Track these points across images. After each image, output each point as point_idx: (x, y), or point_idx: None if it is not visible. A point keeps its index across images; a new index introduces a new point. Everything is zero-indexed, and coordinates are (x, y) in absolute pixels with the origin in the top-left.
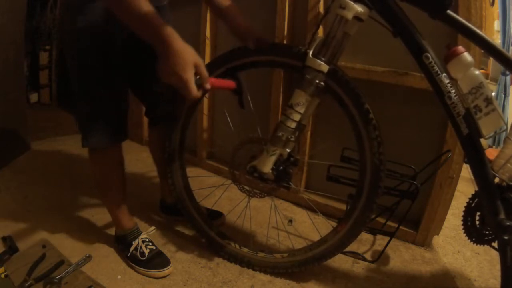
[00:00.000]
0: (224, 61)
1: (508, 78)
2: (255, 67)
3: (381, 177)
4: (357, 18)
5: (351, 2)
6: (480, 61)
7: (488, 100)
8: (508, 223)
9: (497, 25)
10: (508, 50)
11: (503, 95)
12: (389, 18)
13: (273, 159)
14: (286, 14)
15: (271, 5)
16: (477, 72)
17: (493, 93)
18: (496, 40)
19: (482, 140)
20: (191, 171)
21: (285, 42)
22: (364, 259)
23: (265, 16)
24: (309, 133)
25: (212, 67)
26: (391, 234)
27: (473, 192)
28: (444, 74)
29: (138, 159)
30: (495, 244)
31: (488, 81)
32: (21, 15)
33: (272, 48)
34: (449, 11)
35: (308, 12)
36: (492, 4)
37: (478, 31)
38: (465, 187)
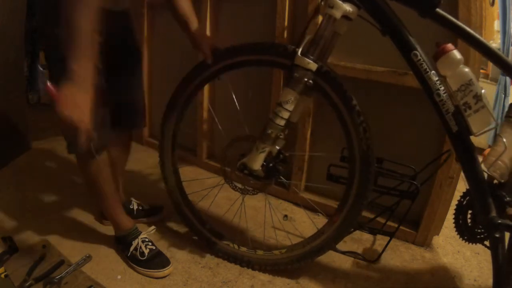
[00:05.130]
0: (213, 62)
1: (508, 78)
2: (245, 66)
3: (371, 162)
4: (346, 17)
5: (340, 1)
6: (481, 61)
7: (478, 97)
8: (499, 221)
9: (497, 25)
10: (508, 50)
11: (503, 95)
12: (377, 16)
13: (262, 156)
14: (286, 14)
15: (271, 5)
16: (466, 69)
17: (482, 91)
18: (496, 40)
19: (482, 140)
20: (191, 171)
21: (285, 42)
22: (364, 259)
23: (265, 16)
24: (309, 132)
25: (200, 70)
26: (391, 234)
27: (464, 191)
28: (433, 71)
29: (138, 159)
30: (487, 243)
31: (488, 81)
32: (21, 15)
33: (261, 47)
34: (438, 9)
35: (308, 5)
36: (492, 4)
37: (466, 27)
38: (465, 187)
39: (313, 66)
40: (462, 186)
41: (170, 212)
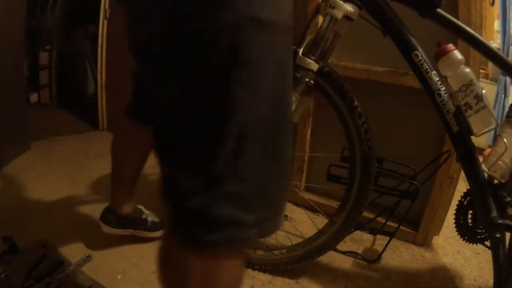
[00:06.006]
0: None
1: (508, 78)
2: None
3: (371, 163)
4: (347, 17)
5: (341, 2)
6: (481, 61)
7: (479, 98)
8: (500, 221)
9: (497, 25)
10: (508, 50)
11: (503, 95)
12: (378, 17)
13: None
14: None
15: None
16: (467, 69)
17: (483, 91)
18: (496, 40)
19: (482, 141)
20: None
21: None
22: (364, 259)
23: None
24: (309, 133)
25: None
26: (391, 234)
27: (465, 191)
28: (434, 72)
29: None
30: (488, 243)
31: (488, 81)
32: (21, 15)
33: None
34: (439, 10)
35: (308, 5)
36: (492, 4)
37: (466, 27)
38: (465, 187)
39: (314, 66)
40: (462, 186)
41: None
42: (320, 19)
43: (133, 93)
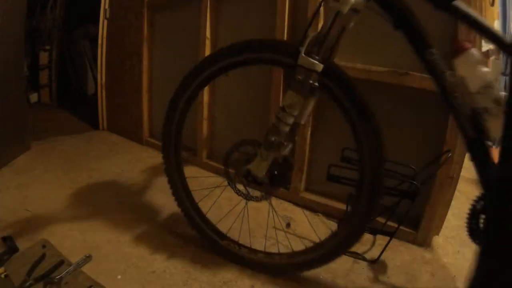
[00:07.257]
0: (215, 60)
1: (507, 78)
2: (249, 64)
3: (381, 175)
4: (353, 9)
5: None
6: None
7: (497, 101)
8: None
9: (497, 25)
10: None
11: None
12: (388, 7)
13: (267, 163)
14: (286, 14)
15: (271, 5)
16: (486, 69)
17: (503, 94)
18: None
19: None
20: (191, 171)
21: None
22: (364, 259)
23: (265, 16)
24: (309, 133)
25: (203, 67)
26: (391, 234)
27: (478, 195)
28: (449, 72)
29: (138, 159)
30: None
31: None
32: (21, 15)
33: (264, 45)
34: (455, 2)
35: (308, 4)
36: (492, 4)
37: (484, 21)
38: (465, 187)
39: (318, 67)
40: (462, 186)
41: (171, 212)
42: (323, 14)
43: None
